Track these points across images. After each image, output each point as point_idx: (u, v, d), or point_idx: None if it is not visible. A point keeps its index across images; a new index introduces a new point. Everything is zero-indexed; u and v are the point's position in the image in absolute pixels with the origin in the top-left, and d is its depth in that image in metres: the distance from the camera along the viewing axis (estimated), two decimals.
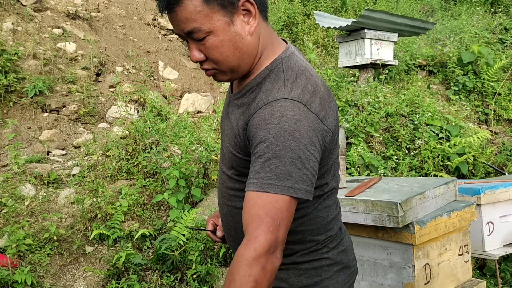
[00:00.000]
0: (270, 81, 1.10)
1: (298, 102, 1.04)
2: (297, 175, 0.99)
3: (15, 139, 4.21)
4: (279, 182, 0.98)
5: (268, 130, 1.01)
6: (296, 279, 1.18)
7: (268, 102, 1.05)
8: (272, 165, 0.99)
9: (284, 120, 1.01)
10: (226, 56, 1.08)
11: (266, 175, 0.99)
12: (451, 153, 4.18)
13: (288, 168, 0.99)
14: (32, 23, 5.64)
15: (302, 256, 1.19)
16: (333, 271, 1.22)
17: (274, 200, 0.98)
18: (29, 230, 2.89)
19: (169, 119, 4.28)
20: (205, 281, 2.72)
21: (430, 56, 6.54)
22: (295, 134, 1.00)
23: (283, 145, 0.99)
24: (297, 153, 1.00)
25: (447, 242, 2.25)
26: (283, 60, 1.13)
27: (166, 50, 6.51)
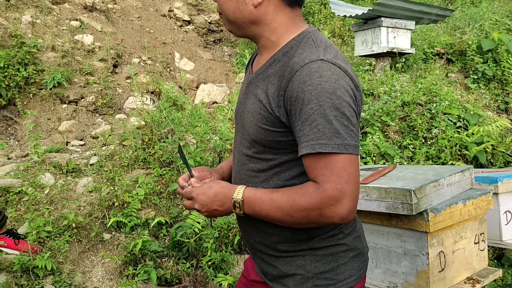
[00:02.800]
0: (301, 48, 1.13)
1: (333, 64, 1.07)
2: (344, 132, 1.02)
3: (35, 130, 4.31)
4: (329, 141, 1.01)
5: (309, 92, 1.03)
6: (313, 265, 1.19)
7: (304, 64, 1.07)
8: (320, 125, 1.02)
9: (324, 80, 1.04)
10: (226, 9, 1.20)
11: (315, 136, 1.02)
12: (469, 142, 4.11)
13: (335, 126, 1.02)
14: (50, 15, 5.73)
15: (319, 242, 1.19)
16: (349, 257, 1.23)
17: (332, 160, 1.02)
18: (48, 218, 2.97)
19: (184, 109, 4.32)
20: (220, 268, 2.75)
21: (448, 44, 6.41)
22: (337, 92, 1.03)
23: (327, 104, 1.02)
24: (341, 111, 1.03)
25: (462, 230, 2.23)
26: (310, 33, 1.18)
27: (182, 41, 6.54)
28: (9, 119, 4.59)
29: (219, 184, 1.18)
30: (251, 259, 1.41)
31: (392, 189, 2.06)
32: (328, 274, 1.19)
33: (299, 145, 1.06)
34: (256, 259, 1.31)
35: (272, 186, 1.18)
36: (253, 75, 1.25)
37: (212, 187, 1.17)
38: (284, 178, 1.17)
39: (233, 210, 1.14)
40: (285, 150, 1.15)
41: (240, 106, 1.29)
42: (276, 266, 1.23)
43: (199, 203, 1.18)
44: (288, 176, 1.17)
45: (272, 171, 1.18)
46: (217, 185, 1.17)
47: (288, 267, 1.21)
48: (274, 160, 1.17)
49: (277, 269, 1.23)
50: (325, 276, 1.19)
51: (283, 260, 1.21)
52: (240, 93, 1.33)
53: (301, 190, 1.05)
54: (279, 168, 1.17)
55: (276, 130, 1.13)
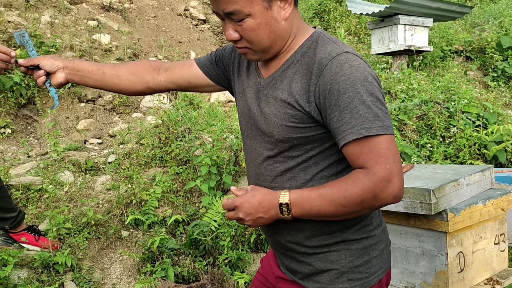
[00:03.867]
0: (320, 45, 1.17)
1: (357, 55, 1.14)
2: (382, 114, 1.07)
3: (54, 128, 4.38)
4: (372, 125, 1.05)
5: (344, 82, 1.07)
6: (347, 259, 1.20)
7: (332, 57, 1.11)
8: (361, 111, 1.06)
9: (355, 68, 1.09)
10: (261, 38, 1.15)
11: (359, 122, 1.05)
12: (489, 141, 4.05)
13: (374, 110, 1.06)
14: (68, 15, 5.81)
15: (353, 233, 1.20)
16: (379, 249, 1.24)
17: (376, 142, 1.05)
18: (68, 215, 3.02)
19: (200, 108, 4.34)
20: (237, 266, 2.76)
21: (467, 41, 6.32)
22: (368, 79, 1.09)
23: (363, 91, 1.07)
24: (375, 96, 1.08)
25: (482, 231, 2.20)
26: (322, 32, 1.22)
27: (198, 40, 6.57)
28: (29, 118, 4.67)
29: (262, 191, 1.18)
30: (273, 256, 1.41)
31: (410, 189, 2.04)
32: (362, 267, 1.20)
33: (339, 135, 1.08)
34: (284, 260, 1.31)
35: (300, 182, 1.19)
36: (266, 79, 1.24)
37: (255, 196, 1.16)
38: (312, 172, 1.19)
39: (281, 215, 1.14)
40: (313, 144, 1.17)
41: (249, 112, 1.28)
42: (309, 263, 1.23)
43: (243, 211, 1.16)
44: (316, 170, 1.19)
45: (299, 167, 1.20)
46: (260, 193, 1.17)
47: (323, 263, 1.21)
48: (301, 157, 1.19)
49: (310, 266, 1.23)
50: (359, 270, 1.20)
51: (316, 257, 1.22)
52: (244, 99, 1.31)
53: (351, 179, 1.07)
54: (306, 164, 1.19)
55: (306, 126, 1.15)
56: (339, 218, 1.12)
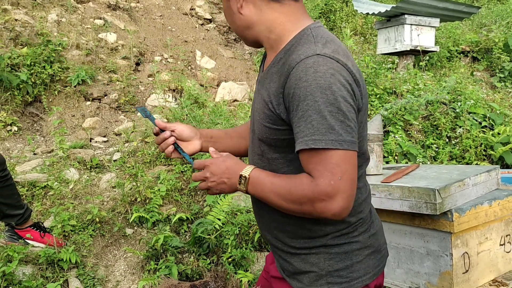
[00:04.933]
0: (300, 44, 1.12)
1: (330, 58, 1.05)
2: (340, 128, 1.01)
3: (60, 126, 4.40)
4: (323, 137, 1.00)
5: (305, 88, 1.02)
6: (326, 263, 1.19)
7: (300, 60, 1.06)
8: (314, 121, 1.01)
9: (319, 75, 1.02)
10: (228, 22, 1.27)
11: (309, 132, 1.01)
12: (495, 142, 4.02)
13: (330, 122, 1.00)
14: (75, 14, 5.84)
15: (333, 239, 1.19)
16: (364, 255, 1.22)
17: (326, 156, 1.01)
18: (73, 212, 3.03)
19: (205, 107, 4.34)
20: (240, 264, 2.76)
21: (474, 42, 6.29)
22: (332, 87, 1.02)
23: (322, 100, 1.01)
24: (336, 106, 1.01)
25: (488, 231, 2.19)
26: (312, 29, 1.16)
27: (203, 40, 6.58)
28: (35, 116, 4.70)
29: (234, 160, 1.20)
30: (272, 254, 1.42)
31: (415, 188, 2.03)
32: (342, 272, 1.19)
33: (295, 142, 1.06)
34: (275, 255, 1.33)
35: None
36: (262, 74, 1.26)
37: (226, 161, 1.19)
38: None
39: (238, 186, 1.16)
40: (291, 148, 1.13)
41: (252, 106, 1.30)
42: (291, 262, 1.24)
43: (210, 171, 1.19)
44: None
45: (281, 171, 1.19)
46: (231, 161, 1.19)
47: (303, 264, 1.21)
48: (281, 159, 1.18)
49: (293, 265, 1.24)
50: (339, 274, 1.19)
51: (298, 257, 1.22)
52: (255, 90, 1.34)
53: (297, 180, 1.07)
54: (287, 169, 1.18)
55: (279, 128, 1.13)
56: (285, 212, 1.13)
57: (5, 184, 2.61)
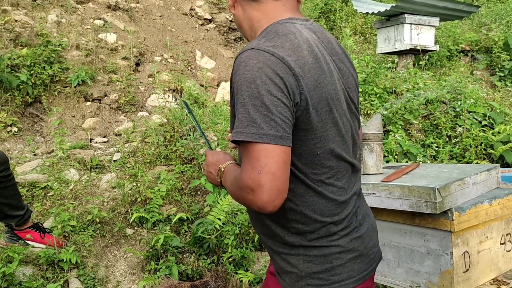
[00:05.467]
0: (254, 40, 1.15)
1: (263, 51, 1.05)
2: (262, 121, 1.00)
3: (60, 126, 4.40)
4: (244, 130, 1.01)
5: (236, 82, 1.05)
6: (305, 265, 1.18)
7: (238, 55, 1.09)
8: (239, 114, 1.03)
9: (247, 69, 1.03)
10: None
11: (236, 125, 1.03)
12: (495, 141, 4.02)
13: (252, 115, 1.00)
14: (75, 15, 5.84)
15: (311, 241, 1.18)
16: (346, 258, 1.20)
17: (250, 149, 1.01)
18: (73, 212, 3.03)
19: (205, 107, 4.34)
20: (241, 264, 2.76)
21: (474, 41, 6.28)
22: (257, 81, 1.01)
23: (246, 94, 1.02)
24: (260, 100, 1.00)
25: (488, 230, 2.18)
26: (273, 25, 1.16)
27: (203, 40, 6.57)
28: (35, 116, 4.70)
29: (225, 156, 1.25)
30: None
31: (415, 187, 2.03)
32: (321, 274, 1.17)
33: None
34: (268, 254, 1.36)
35: None
36: None
37: (218, 154, 1.27)
38: None
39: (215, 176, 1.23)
40: None
41: None
42: (276, 261, 1.26)
43: (206, 162, 1.30)
44: None
45: None
46: (222, 155, 1.26)
47: (285, 264, 1.22)
48: None
49: (278, 264, 1.25)
50: (319, 277, 1.17)
51: (280, 257, 1.23)
52: None
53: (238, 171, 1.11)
54: None
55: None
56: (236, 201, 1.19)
57: (7, 185, 2.61)
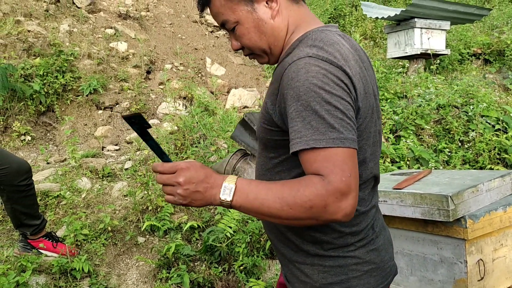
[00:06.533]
0: (298, 48, 1.11)
1: (322, 60, 1.03)
2: (340, 126, 0.98)
3: (72, 135, 4.44)
4: (323, 136, 0.97)
5: (297, 88, 1.01)
6: (320, 275, 1.16)
7: (292, 61, 1.05)
8: (313, 121, 0.98)
9: (311, 75, 1.00)
10: (255, 41, 1.17)
11: (309, 132, 0.98)
12: (509, 145, 3.96)
13: (329, 120, 0.98)
14: (86, 24, 5.91)
15: (328, 251, 1.16)
16: (362, 271, 1.17)
17: (331, 154, 0.97)
18: (85, 221, 3.05)
19: (216, 114, 4.36)
20: (252, 272, 2.75)
21: (486, 44, 6.22)
22: (325, 87, 0.99)
23: (318, 99, 0.98)
24: (333, 105, 0.99)
25: (503, 238, 2.15)
26: (314, 32, 1.14)
27: (213, 47, 6.61)
28: (48, 125, 4.76)
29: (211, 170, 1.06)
30: None
31: (428, 195, 2.01)
32: (336, 286, 1.16)
33: (291, 142, 1.01)
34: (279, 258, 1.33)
35: None
36: None
37: (205, 168, 1.04)
38: (288, 178, 1.16)
39: (220, 197, 1.01)
40: (284, 149, 1.12)
41: None
42: (290, 269, 1.24)
43: (185, 177, 1.01)
44: (289, 177, 1.15)
45: (274, 171, 1.19)
46: (209, 170, 1.05)
47: (299, 273, 1.21)
48: (276, 159, 1.18)
49: (291, 273, 1.24)
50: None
51: (294, 265, 1.22)
52: None
53: (305, 181, 0.98)
54: (280, 168, 1.17)
55: (272, 129, 1.13)
56: (280, 220, 1.01)
57: (28, 194, 2.64)
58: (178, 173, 1.01)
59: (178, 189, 1.01)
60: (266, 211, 1.00)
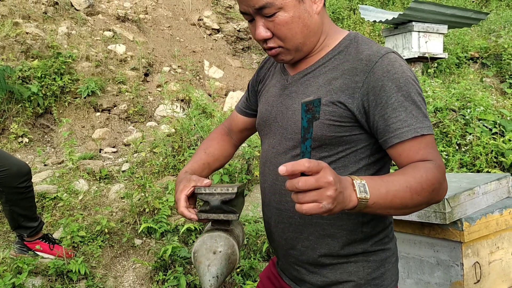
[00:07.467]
0: (362, 44, 1.16)
1: (400, 57, 1.15)
2: (427, 115, 1.10)
3: (70, 137, 4.44)
4: (423, 124, 1.06)
5: (397, 80, 1.07)
6: (365, 271, 1.16)
7: (382, 55, 1.11)
8: (413, 111, 1.07)
9: (404, 68, 1.10)
10: (295, 33, 1.11)
11: (413, 121, 1.06)
12: (506, 149, 3.97)
13: (423, 110, 1.09)
14: (85, 26, 5.92)
15: (372, 246, 1.17)
16: (392, 262, 1.21)
17: (430, 140, 1.07)
18: (82, 223, 3.05)
19: (213, 117, 4.36)
20: (249, 275, 2.75)
21: (483, 48, 6.24)
22: (416, 81, 1.11)
23: (414, 91, 1.08)
24: (421, 96, 1.11)
25: (499, 241, 2.15)
26: (358, 34, 1.21)
27: (211, 50, 6.62)
28: (46, 127, 4.75)
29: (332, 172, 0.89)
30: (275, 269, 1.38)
31: None
32: (377, 280, 1.17)
33: (391, 133, 1.06)
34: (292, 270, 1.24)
35: None
36: (295, 76, 1.21)
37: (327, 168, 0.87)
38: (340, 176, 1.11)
39: (357, 196, 0.90)
40: (344, 146, 1.12)
41: (274, 110, 1.23)
42: (323, 274, 1.18)
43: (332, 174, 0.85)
44: (345, 174, 1.10)
45: None
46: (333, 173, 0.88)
47: (339, 274, 1.17)
48: (329, 158, 1.12)
49: (324, 277, 1.18)
50: (375, 283, 1.17)
51: (333, 267, 1.17)
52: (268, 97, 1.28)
53: (423, 167, 1.02)
54: (334, 165, 1.12)
55: (342, 125, 1.10)
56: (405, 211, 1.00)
57: (27, 196, 2.64)
58: (325, 172, 0.85)
59: (329, 191, 0.84)
60: (398, 203, 0.96)
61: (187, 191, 1.17)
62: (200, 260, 1.07)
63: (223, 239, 1.09)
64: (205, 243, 1.09)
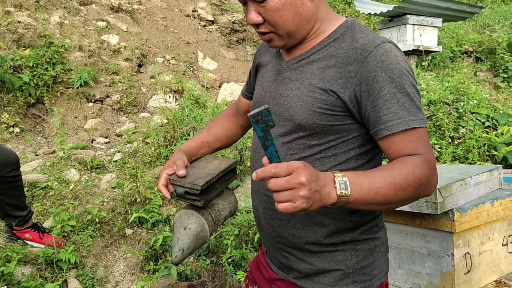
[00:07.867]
0: (358, 33, 1.12)
1: (396, 47, 1.12)
2: (421, 107, 1.08)
3: (61, 127, 4.40)
4: (415, 117, 1.04)
5: (391, 70, 1.05)
6: (354, 260, 1.16)
7: (377, 44, 1.07)
8: (406, 103, 1.04)
9: (400, 59, 1.08)
10: (286, 20, 1.09)
11: (405, 113, 1.04)
12: (498, 142, 3.98)
13: (416, 102, 1.06)
14: (78, 16, 5.85)
15: (361, 234, 1.17)
16: (381, 251, 1.21)
17: (421, 133, 1.05)
18: (73, 212, 3.02)
19: (206, 107, 4.34)
20: (240, 265, 2.74)
21: (477, 42, 6.25)
22: (410, 72, 1.09)
23: (408, 82, 1.06)
24: (416, 88, 1.08)
25: (490, 231, 2.16)
26: (355, 21, 1.18)
27: (206, 41, 6.57)
28: (38, 117, 4.71)
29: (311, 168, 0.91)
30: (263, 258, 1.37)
31: None
32: (366, 269, 1.17)
33: (382, 125, 1.04)
34: (280, 257, 1.24)
35: None
36: (289, 61, 1.19)
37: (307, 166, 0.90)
38: (329, 165, 1.12)
39: (337, 193, 0.91)
40: (335, 135, 1.10)
41: (267, 95, 1.22)
42: (311, 262, 1.17)
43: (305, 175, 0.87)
44: (334, 163, 1.12)
45: (314, 157, 1.12)
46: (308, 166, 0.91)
47: (327, 263, 1.16)
48: (319, 146, 1.12)
49: (312, 265, 1.17)
50: (364, 272, 1.17)
51: (321, 256, 1.17)
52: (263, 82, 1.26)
53: (409, 163, 1.01)
54: (324, 154, 1.12)
55: (333, 114, 1.09)
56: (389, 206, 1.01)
57: (15, 185, 2.61)
58: (296, 173, 0.87)
59: (301, 191, 0.86)
60: (381, 199, 0.97)
61: (169, 171, 1.26)
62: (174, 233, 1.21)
63: (195, 218, 1.20)
64: (180, 217, 1.21)
